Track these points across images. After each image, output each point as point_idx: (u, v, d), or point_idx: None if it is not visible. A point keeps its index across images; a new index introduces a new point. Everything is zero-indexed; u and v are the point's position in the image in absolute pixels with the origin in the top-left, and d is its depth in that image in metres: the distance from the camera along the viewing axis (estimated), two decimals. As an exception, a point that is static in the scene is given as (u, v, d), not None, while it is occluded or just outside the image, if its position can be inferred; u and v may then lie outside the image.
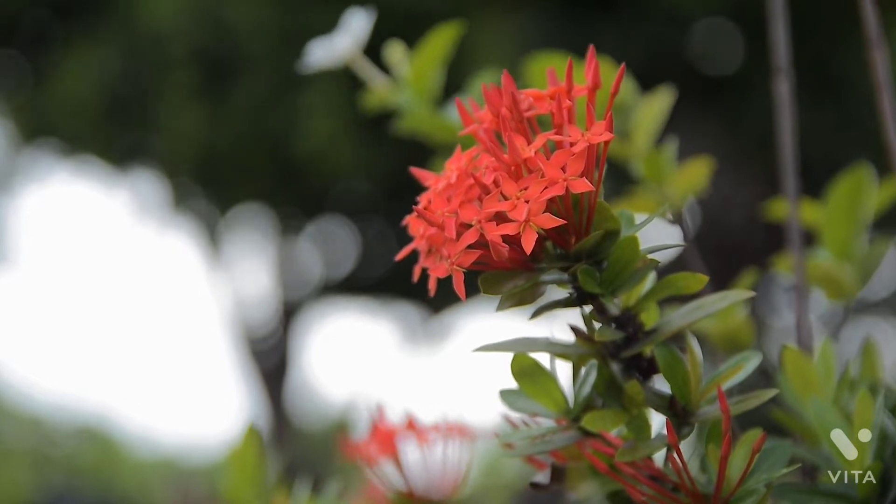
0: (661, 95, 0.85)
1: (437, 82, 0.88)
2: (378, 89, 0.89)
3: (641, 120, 0.85)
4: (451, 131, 0.87)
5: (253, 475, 0.83)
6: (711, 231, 3.98)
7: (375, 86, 0.89)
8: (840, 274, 0.80)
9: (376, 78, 0.89)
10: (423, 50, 0.88)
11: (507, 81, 0.53)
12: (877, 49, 0.75)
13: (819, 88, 3.49)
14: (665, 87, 0.85)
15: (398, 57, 0.89)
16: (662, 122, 0.85)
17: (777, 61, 0.82)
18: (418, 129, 0.88)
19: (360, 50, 0.87)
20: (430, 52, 0.87)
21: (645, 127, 0.85)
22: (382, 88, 0.89)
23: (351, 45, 0.86)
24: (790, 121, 0.81)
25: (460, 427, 0.81)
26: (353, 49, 0.87)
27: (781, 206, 0.87)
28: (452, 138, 0.86)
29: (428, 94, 0.88)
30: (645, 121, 0.85)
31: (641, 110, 0.85)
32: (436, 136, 0.88)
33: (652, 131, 0.85)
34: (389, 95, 0.88)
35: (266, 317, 5.60)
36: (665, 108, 0.84)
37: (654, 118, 0.84)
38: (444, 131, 0.87)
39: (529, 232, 0.49)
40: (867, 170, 0.81)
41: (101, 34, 3.95)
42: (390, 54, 0.89)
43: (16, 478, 5.75)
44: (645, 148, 0.85)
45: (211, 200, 4.65)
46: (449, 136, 0.87)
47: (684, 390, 0.55)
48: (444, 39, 0.87)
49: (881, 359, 0.73)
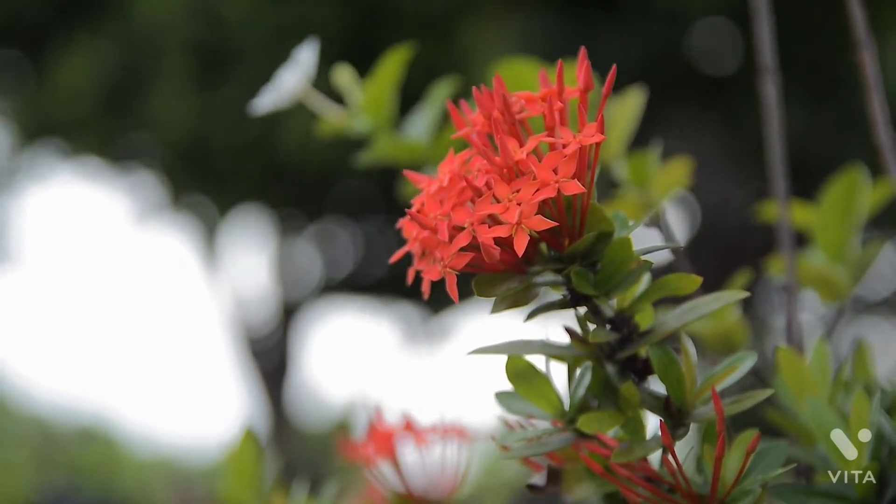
0: (633, 95, 0.84)
1: (394, 105, 0.87)
2: (332, 118, 0.87)
3: (614, 122, 0.83)
4: (415, 151, 0.86)
5: (251, 476, 0.84)
6: (711, 231, 3.98)
7: (329, 115, 0.87)
8: (833, 275, 0.80)
9: (330, 108, 0.88)
10: (377, 74, 0.86)
11: (498, 84, 0.53)
12: (865, 50, 0.75)
13: (820, 89, 3.49)
14: (636, 87, 0.83)
15: (347, 82, 0.87)
16: (635, 123, 0.84)
17: (763, 61, 0.82)
18: (382, 156, 0.87)
19: (309, 84, 0.86)
20: (385, 75, 0.86)
21: (618, 129, 0.84)
22: (337, 117, 0.87)
23: (300, 81, 0.85)
24: (778, 121, 0.81)
25: (459, 428, 0.81)
26: (302, 85, 0.86)
27: (773, 207, 0.87)
28: (417, 158, 0.86)
29: (385, 118, 0.86)
30: (618, 122, 0.83)
31: (614, 112, 0.83)
32: (400, 158, 0.86)
33: (626, 133, 0.84)
34: (345, 123, 0.87)
35: (266, 317, 5.61)
36: (637, 108, 0.83)
37: (627, 118, 0.83)
38: (408, 152, 0.86)
39: (521, 234, 0.49)
40: (860, 171, 0.81)
41: (100, 30, 3.96)
42: (339, 80, 0.88)
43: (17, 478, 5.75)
44: (620, 149, 0.84)
45: (210, 199, 4.65)
46: (413, 155, 0.86)
47: (679, 391, 0.55)
48: (397, 62, 0.85)
49: (874, 359, 0.73)
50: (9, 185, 5.23)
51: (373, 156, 0.87)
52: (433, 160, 0.85)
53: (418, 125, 0.87)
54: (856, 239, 0.82)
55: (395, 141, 0.86)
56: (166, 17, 3.75)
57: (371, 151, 0.87)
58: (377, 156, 0.87)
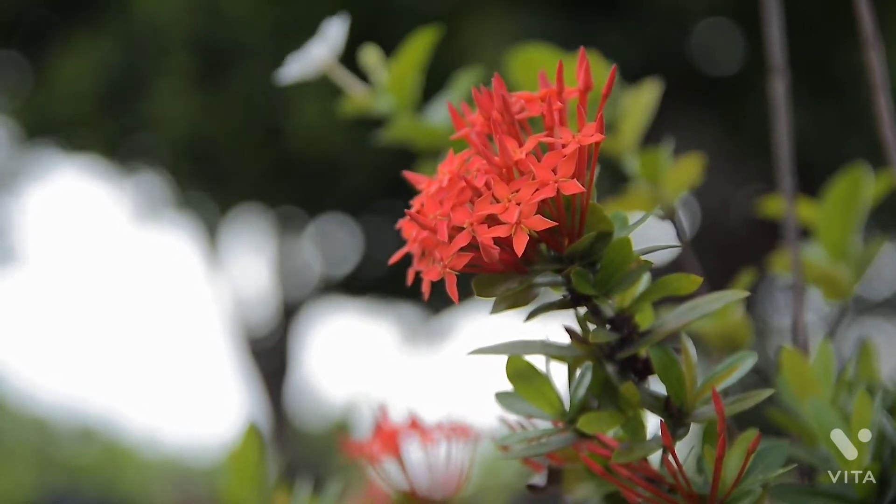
0: (648, 88, 0.84)
1: (417, 87, 0.87)
2: (356, 96, 0.87)
3: (628, 113, 0.83)
4: (434, 135, 0.86)
5: (253, 475, 0.83)
6: (712, 231, 3.98)
7: (354, 92, 0.87)
8: (836, 272, 0.80)
9: (354, 85, 0.88)
10: (402, 55, 0.86)
11: (497, 84, 0.53)
12: (873, 49, 0.75)
13: (823, 87, 3.49)
14: (652, 80, 0.84)
15: (374, 62, 0.87)
16: (650, 116, 0.84)
17: (773, 61, 0.82)
18: (401, 136, 0.87)
19: (336, 58, 0.86)
20: (410, 57, 0.86)
21: (632, 120, 0.83)
22: (361, 95, 0.88)
23: (327, 55, 0.85)
24: (786, 120, 0.81)
25: (462, 427, 0.81)
26: (329, 58, 0.86)
27: (776, 202, 0.87)
28: (435, 142, 0.86)
29: (408, 99, 0.86)
30: (632, 114, 0.83)
31: (628, 103, 0.83)
32: (419, 140, 0.86)
33: (639, 125, 0.84)
34: (368, 101, 0.87)
35: (266, 317, 5.61)
36: (652, 101, 0.83)
37: (642, 111, 0.83)
38: (427, 136, 0.86)
39: (521, 234, 0.49)
40: (864, 169, 0.81)
41: (100, 27, 3.96)
42: (365, 59, 0.88)
43: (19, 478, 5.75)
44: (633, 142, 0.84)
45: (211, 198, 4.65)
46: (432, 140, 0.86)
47: (679, 391, 0.55)
48: (422, 44, 0.85)
49: (878, 359, 0.73)
50: (10, 183, 5.23)
51: (393, 134, 0.87)
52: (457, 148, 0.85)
53: (440, 110, 0.87)
54: (858, 237, 0.82)
55: (417, 123, 0.86)
56: (167, 15, 3.75)
57: (391, 130, 0.87)
58: (397, 135, 0.87)
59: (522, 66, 0.82)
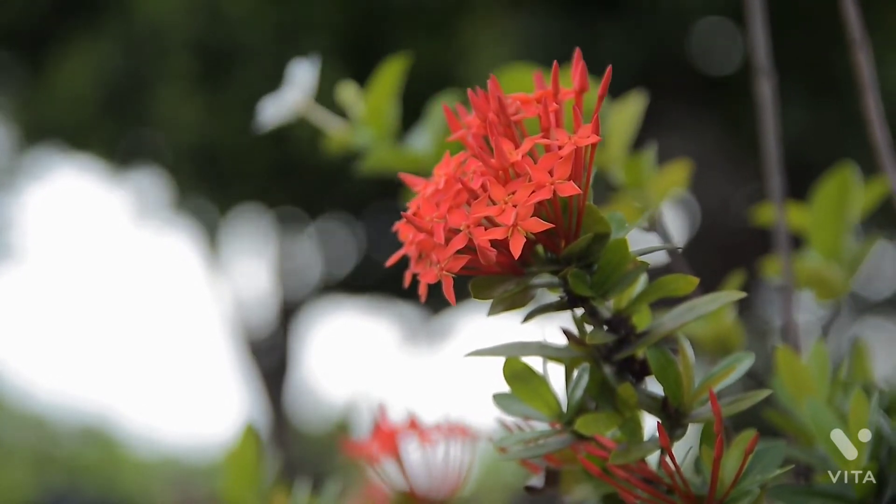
0: (633, 100, 0.84)
1: (394, 116, 0.87)
2: (335, 133, 0.87)
3: (614, 126, 0.83)
4: (416, 163, 0.85)
5: (251, 475, 0.83)
6: (712, 230, 3.98)
7: (332, 130, 0.87)
8: (829, 273, 0.80)
9: (332, 122, 0.87)
10: (375, 85, 0.86)
11: (493, 86, 0.53)
12: (861, 49, 0.75)
13: (823, 88, 3.49)
14: (637, 92, 0.83)
15: (350, 97, 0.87)
16: (636, 127, 0.84)
17: (758, 61, 0.82)
18: (379, 167, 0.87)
19: (310, 99, 0.86)
20: (383, 86, 0.85)
21: (619, 133, 0.83)
22: (340, 132, 0.87)
23: (300, 98, 0.85)
24: (773, 121, 0.81)
25: (462, 427, 0.81)
26: (303, 100, 0.86)
27: (768, 210, 0.87)
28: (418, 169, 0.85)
29: (385, 129, 0.86)
30: (618, 127, 0.83)
31: (614, 116, 0.83)
32: (400, 169, 0.85)
33: (626, 137, 0.84)
34: (348, 137, 0.87)
35: (266, 317, 5.61)
36: (638, 112, 0.83)
37: (628, 123, 0.83)
38: (408, 163, 0.85)
39: (517, 236, 0.49)
40: (852, 169, 0.81)
41: (100, 29, 3.96)
42: (343, 95, 0.87)
43: (17, 478, 5.75)
44: (620, 154, 0.84)
45: (211, 199, 4.65)
46: (414, 167, 0.85)
47: (677, 392, 0.55)
48: (394, 73, 0.85)
49: (872, 359, 0.73)
50: (10, 183, 5.23)
51: (370, 165, 0.87)
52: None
53: (421, 138, 0.87)
54: (849, 237, 0.82)
55: (397, 152, 0.86)
56: (168, 16, 3.75)
57: (369, 161, 0.87)
58: (374, 165, 0.87)
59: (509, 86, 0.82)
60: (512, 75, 0.81)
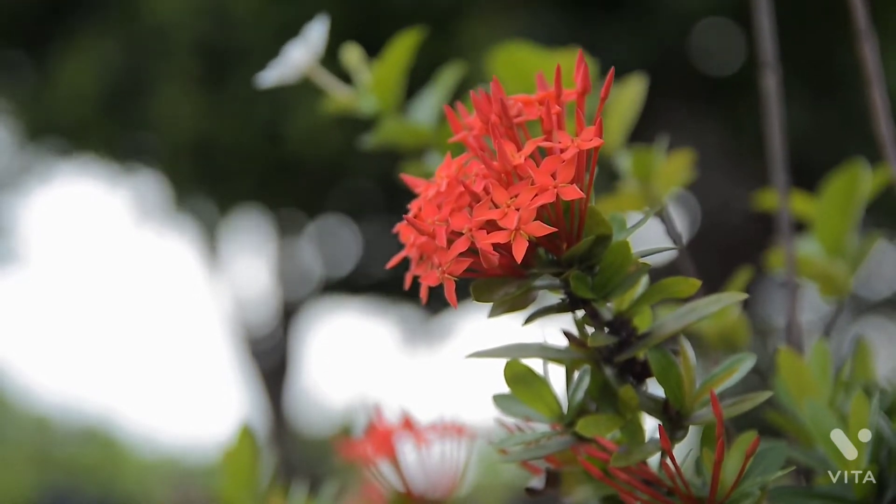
0: (634, 83, 0.82)
1: (401, 89, 0.86)
2: (338, 96, 0.86)
3: (613, 108, 0.82)
4: (419, 135, 0.84)
5: (248, 476, 0.83)
6: (712, 230, 3.98)
7: (336, 93, 0.86)
8: (833, 269, 0.80)
9: (337, 87, 0.87)
10: (386, 56, 0.85)
11: (495, 88, 0.53)
12: (866, 42, 0.74)
13: (825, 85, 3.49)
14: (638, 75, 0.82)
15: (355, 62, 0.86)
16: (637, 111, 0.82)
17: (763, 56, 0.82)
18: (387, 139, 0.86)
19: (317, 60, 0.85)
20: (395, 58, 0.85)
21: (618, 115, 0.82)
22: (343, 96, 0.86)
23: (307, 57, 0.85)
24: (778, 116, 0.80)
25: (458, 427, 0.81)
26: (310, 60, 0.85)
27: (771, 195, 0.86)
28: (421, 142, 0.85)
29: (393, 101, 0.85)
30: (618, 109, 0.82)
31: (613, 100, 0.82)
32: (404, 141, 0.85)
33: (626, 121, 0.83)
34: (351, 102, 0.86)
35: (266, 317, 5.60)
36: (638, 96, 0.82)
37: (627, 107, 0.82)
38: (413, 136, 0.85)
39: (520, 240, 0.49)
40: (862, 166, 0.81)
41: (104, 28, 3.96)
42: (347, 59, 0.86)
43: (18, 477, 5.75)
44: (620, 138, 0.83)
45: (211, 199, 4.65)
46: (417, 140, 0.85)
47: (678, 394, 0.55)
48: (407, 45, 0.84)
49: (874, 359, 0.73)
50: (12, 184, 5.23)
51: (378, 138, 0.86)
52: (437, 145, 0.84)
53: (424, 109, 0.86)
54: (854, 233, 0.82)
55: (402, 124, 0.85)
56: (172, 16, 3.75)
57: (377, 133, 0.86)
58: (383, 138, 0.86)
59: (504, 65, 0.81)
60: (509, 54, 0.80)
